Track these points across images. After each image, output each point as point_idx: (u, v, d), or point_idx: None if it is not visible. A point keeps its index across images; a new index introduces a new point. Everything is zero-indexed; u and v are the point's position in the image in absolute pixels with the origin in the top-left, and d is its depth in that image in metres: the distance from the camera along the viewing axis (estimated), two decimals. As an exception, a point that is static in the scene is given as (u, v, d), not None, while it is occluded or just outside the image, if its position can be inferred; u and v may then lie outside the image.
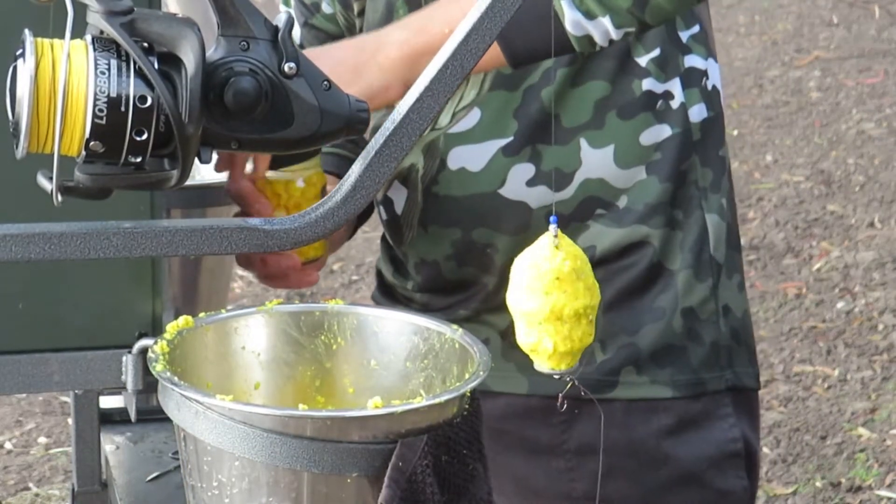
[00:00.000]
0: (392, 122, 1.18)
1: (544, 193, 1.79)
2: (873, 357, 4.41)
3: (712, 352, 1.84)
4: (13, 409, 4.27)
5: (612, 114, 1.79)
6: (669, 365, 1.82)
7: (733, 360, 1.85)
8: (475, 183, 1.81)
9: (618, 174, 1.80)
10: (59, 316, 1.57)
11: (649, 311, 1.82)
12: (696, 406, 1.83)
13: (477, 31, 1.16)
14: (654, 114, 1.81)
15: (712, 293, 1.84)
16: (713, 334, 1.84)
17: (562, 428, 1.83)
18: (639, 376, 1.82)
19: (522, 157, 1.79)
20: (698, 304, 1.83)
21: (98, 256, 1.16)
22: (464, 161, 1.81)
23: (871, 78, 6.71)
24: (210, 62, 1.14)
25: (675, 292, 1.82)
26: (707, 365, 1.84)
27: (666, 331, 1.82)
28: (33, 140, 1.12)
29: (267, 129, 1.16)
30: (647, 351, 1.82)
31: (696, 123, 1.83)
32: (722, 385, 1.84)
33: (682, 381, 1.83)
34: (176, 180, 1.16)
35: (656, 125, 1.81)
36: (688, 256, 1.82)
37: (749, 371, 1.88)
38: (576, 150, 1.79)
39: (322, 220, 1.18)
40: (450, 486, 1.36)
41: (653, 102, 1.81)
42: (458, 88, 1.76)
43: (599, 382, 1.82)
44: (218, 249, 1.17)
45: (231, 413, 1.32)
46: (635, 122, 1.80)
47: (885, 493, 3.74)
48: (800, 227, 5.35)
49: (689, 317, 1.83)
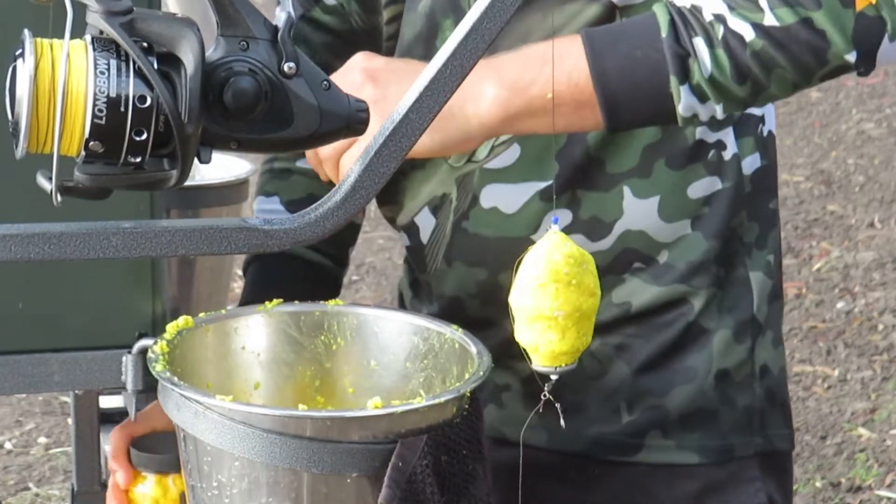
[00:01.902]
0: (392, 122, 1.18)
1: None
2: (873, 357, 4.41)
3: (745, 416, 1.73)
4: (13, 409, 4.27)
5: (660, 162, 1.67)
6: (698, 430, 1.72)
7: (766, 423, 1.75)
8: (507, 225, 1.70)
9: (661, 227, 1.68)
10: (59, 316, 1.57)
11: (681, 373, 1.72)
12: (721, 473, 1.73)
13: (477, 30, 1.16)
14: (704, 165, 1.69)
15: (749, 355, 1.73)
16: (748, 398, 1.73)
17: (583, 489, 1.73)
18: (665, 440, 1.72)
19: (560, 203, 1.67)
20: (734, 366, 1.72)
21: (98, 256, 1.16)
22: (497, 200, 1.70)
23: (871, 78, 6.71)
24: (209, 62, 1.14)
25: (710, 353, 1.71)
26: (738, 430, 1.73)
27: (697, 394, 1.71)
28: (33, 140, 1.12)
29: (266, 129, 1.16)
30: (676, 414, 1.71)
31: (748, 176, 1.72)
32: (751, 450, 1.74)
33: (709, 447, 1.73)
34: (175, 180, 1.15)
35: (707, 177, 1.69)
36: (727, 317, 1.72)
37: (783, 433, 1.77)
38: (618, 199, 1.68)
39: (322, 219, 1.18)
40: (449, 487, 1.36)
41: (704, 152, 1.69)
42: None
43: (623, 444, 1.72)
44: (218, 249, 1.17)
45: (231, 413, 1.32)
46: (685, 173, 1.68)
47: (885, 493, 3.74)
48: (800, 227, 5.35)
49: (724, 380, 1.72)
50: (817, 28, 1.50)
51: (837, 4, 1.50)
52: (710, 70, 1.50)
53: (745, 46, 1.50)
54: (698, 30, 1.51)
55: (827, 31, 1.50)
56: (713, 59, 1.50)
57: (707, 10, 1.51)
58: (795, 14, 1.49)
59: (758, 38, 1.50)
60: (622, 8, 1.62)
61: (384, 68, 1.58)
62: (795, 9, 1.49)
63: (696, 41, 1.50)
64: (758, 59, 1.50)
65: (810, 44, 1.50)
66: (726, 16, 1.50)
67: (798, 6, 1.50)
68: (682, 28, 1.51)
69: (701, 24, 1.51)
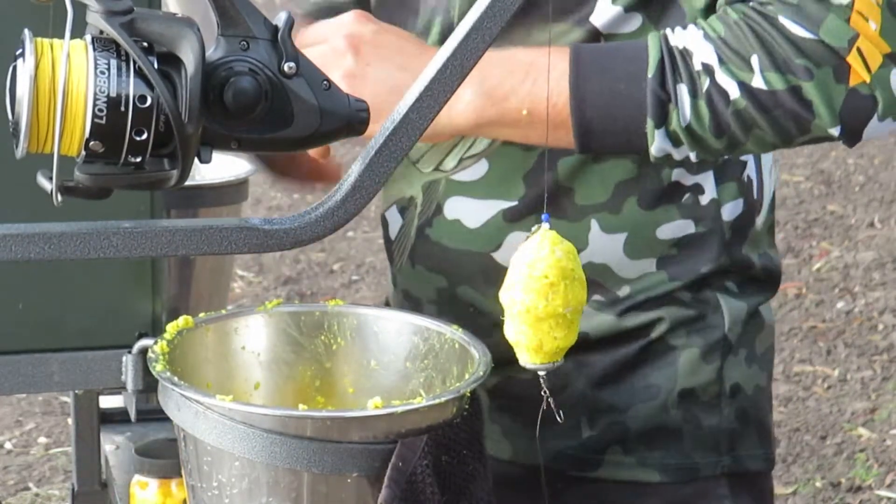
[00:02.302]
0: (392, 122, 1.18)
1: None
2: (873, 357, 4.41)
3: (711, 436, 1.69)
4: (13, 409, 4.27)
5: (631, 199, 1.63)
6: (660, 448, 1.68)
7: (736, 445, 1.70)
8: (469, 239, 1.67)
9: (625, 264, 1.65)
10: (59, 316, 1.57)
11: (642, 390, 1.67)
12: (685, 490, 1.69)
13: (477, 30, 1.16)
14: (678, 207, 1.64)
15: (718, 375, 1.68)
16: (714, 418, 1.68)
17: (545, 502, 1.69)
18: (625, 456, 1.68)
19: (524, 226, 1.62)
20: (701, 386, 1.68)
21: (98, 256, 1.16)
22: (461, 213, 1.68)
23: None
24: (210, 62, 1.14)
25: (675, 371, 1.67)
26: (703, 449, 1.69)
27: (659, 411, 1.67)
28: (33, 140, 1.12)
29: (267, 128, 1.16)
30: (637, 431, 1.67)
31: (728, 222, 1.67)
32: (717, 471, 1.69)
33: (672, 466, 1.68)
34: (176, 180, 1.15)
35: (679, 220, 1.65)
36: (695, 336, 1.68)
37: (756, 454, 1.72)
38: (584, 231, 1.64)
39: (322, 219, 1.18)
40: (450, 487, 1.36)
41: (679, 195, 1.64)
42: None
43: (584, 459, 1.69)
44: (218, 249, 1.17)
45: (231, 413, 1.32)
46: (656, 213, 1.64)
47: (885, 493, 3.74)
48: (800, 227, 5.35)
49: (688, 399, 1.68)
50: (805, 98, 1.47)
51: (830, 78, 1.46)
52: (689, 120, 1.49)
53: (729, 104, 1.47)
54: (684, 77, 1.48)
55: (815, 102, 1.47)
56: (693, 110, 1.48)
57: (698, 57, 1.48)
58: (785, 81, 1.46)
59: (742, 98, 1.47)
60: (606, 35, 1.60)
61: (371, 41, 1.54)
62: (786, 75, 1.46)
63: (680, 88, 1.48)
64: (739, 118, 1.48)
65: (795, 113, 1.47)
66: (715, 68, 1.48)
67: (789, 73, 1.46)
68: (668, 71, 1.49)
69: (688, 71, 1.48)
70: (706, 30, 1.49)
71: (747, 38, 1.47)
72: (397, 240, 1.78)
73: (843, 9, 1.45)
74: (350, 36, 1.54)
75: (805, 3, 1.46)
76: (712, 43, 1.48)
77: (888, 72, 1.48)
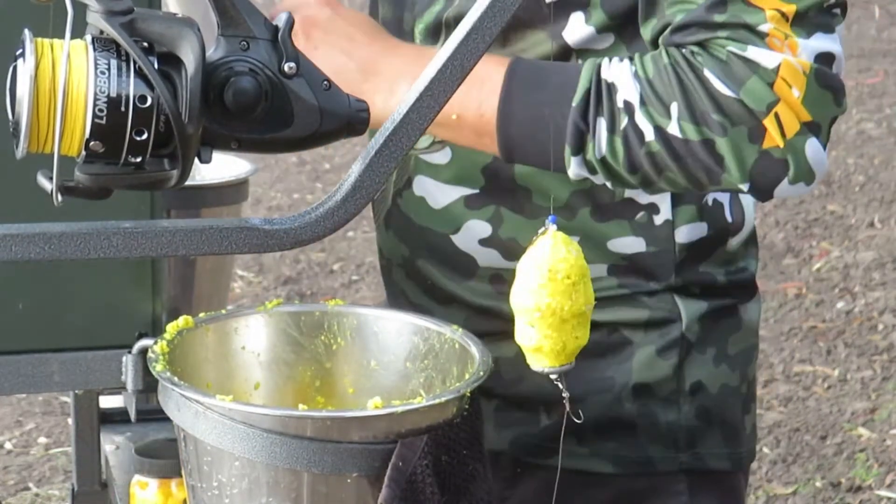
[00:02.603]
0: (392, 122, 1.18)
1: (494, 258, 1.69)
2: (873, 357, 4.41)
3: (668, 432, 1.70)
4: (13, 409, 4.27)
5: (585, 210, 1.66)
6: (614, 440, 1.69)
7: (696, 442, 1.71)
8: (432, 218, 1.72)
9: None
10: (59, 316, 1.57)
11: (597, 381, 1.69)
12: (641, 482, 1.71)
13: (477, 30, 1.16)
14: (630, 224, 1.67)
15: (676, 372, 1.69)
16: (672, 414, 1.70)
17: (504, 485, 1.73)
18: (579, 446, 1.69)
19: (483, 215, 1.69)
20: (656, 381, 1.69)
21: (98, 256, 1.16)
22: (426, 192, 1.72)
23: (871, 78, 6.71)
24: (210, 62, 1.14)
25: (630, 366, 1.69)
26: (659, 444, 1.70)
27: (613, 404, 1.69)
28: (33, 140, 1.12)
29: (267, 128, 1.16)
30: (591, 422, 1.65)
31: (682, 244, 1.69)
32: (674, 467, 1.70)
33: (626, 459, 1.70)
34: (176, 180, 1.15)
35: (630, 236, 1.67)
36: (652, 333, 1.69)
37: (720, 453, 1.72)
38: (539, 228, 1.70)
39: (322, 219, 1.18)
40: (449, 487, 1.36)
41: (632, 212, 1.67)
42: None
43: (540, 447, 1.71)
44: (218, 249, 1.17)
45: (231, 413, 1.32)
46: (607, 227, 1.67)
47: (885, 493, 3.74)
48: (800, 227, 5.35)
49: (644, 394, 1.69)
50: (717, 153, 1.47)
51: (744, 137, 1.46)
52: (604, 153, 1.50)
53: (643, 145, 1.48)
54: (605, 111, 1.49)
55: (726, 158, 1.47)
56: (609, 145, 1.49)
57: (622, 94, 1.49)
58: (699, 133, 1.47)
59: (656, 142, 1.48)
60: (578, 51, 1.61)
61: (325, 26, 1.59)
62: (701, 127, 1.47)
63: (599, 122, 1.49)
64: (651, 160, 1.49)
65: (706, 165, 1.48)
66: (635, 109, 1.48)
67: (705, 126, 1.46)
68: (592, 103, 1.50)
69: (611, 106, 1.49)
70: (637, 68, 1.50)
71: (672, 84, 1.48)
72: (378, 200, 1.82)
73: (769, 72, 1.45)
74: (305, 18, 1.58)
75: (732, 60, 1.46)
76: (639, 83, 1.49)
77: (804, 139, 1.48)
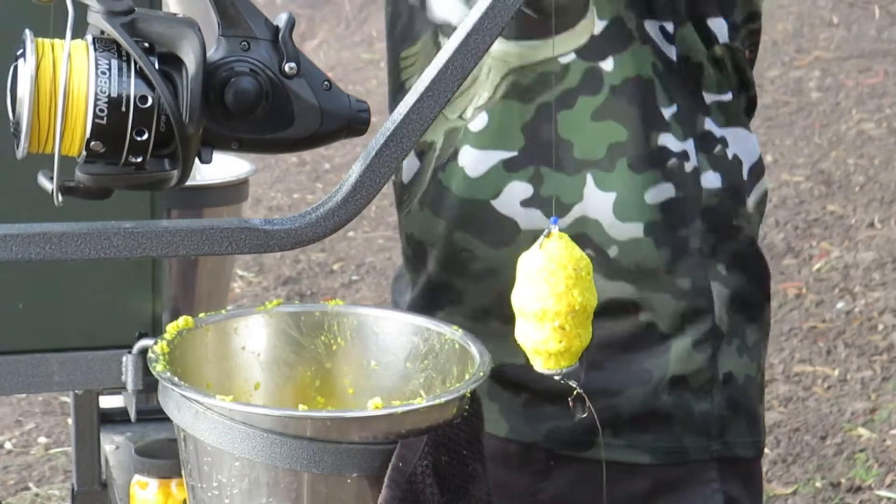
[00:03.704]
0: (392, 123, 1.18)
1: (537, 218, 1.71)
2: (873, 357, 4.41)
3: (701, 422, 1.73)
4: (13, 409, 4.27)
5: (622, 160, 1.69)
6: (651, 431, 1.72)
7: (726, 431, 1.75)
8: (470, 188, 1.74)
9: (613, 224, 1.70)
10: (59, 316, 1.57)
11: (635, 374, 1.72)
12: (675, 472, 1.74)
13: (477, 31, 1.16)
14: (663, 171, 1.70)
15: (710, 364, 1.73)
16: (706, 405, 1.73)
17: (537, 478, 1.76)
18: (615, 438, 1.72)
19: (523, 177, 1.71)
20: (692, 373, 1.72)
21: (98, 256, 1.16)
22: (467, 162, 1.74)
23: (871, 78, 6.71)
24: (211, 62, 1.14)
25: (667, 358, 1.71)
26: (693, 434, 1.73)
27: (651, 396, 1.72)
28: (34, 140, 1.12)
29: (267, 129, 1.16)
30: (628, 415, 1.72)
31: (708, 190, 1.73)
32: (706, 455, 1.74)
33: (662, 448, 1.73)
34: (176, 180, 1.16)
35: (663, 183, 1.70)
36: (686, 326, 1.72)
37: (746, 441, 1.77)
38: (580, 184, 1.70)
39: (322, 220, 1.18)
40: (449, 487, 1.36)
41: (665, 159, 1.70)
42: (471, 87, 1.73)
43: (576, 440, 1.74)
44: (218, 249, 1.17)
45: (231, 413, 1.32)
46: (644, 177, 1.69)
47: (885, 493, 3.74)
48: (800, 227, 5.35)
49: (679, 385, 1.72)
50: None
51: None
52: None
53: None
54: None
55: None
56: None
57: None
58: None
59: None
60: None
61: None
62: None
63: None
64: None
65: None
66: None
67: None
68: None
69: None
70: None
71: None
72: (411, 183, 1.83)
73: None
74: None
75: None
76: None
77: None
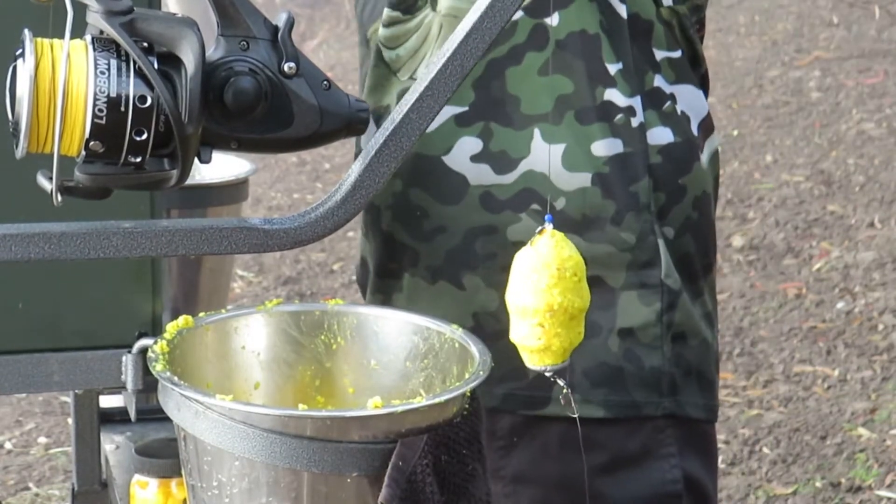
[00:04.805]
0: (392, 122, 1.18)
1: (486, 172, 1.74)
2: (873, 357, 4.41)
3: (652, 376, 1.77)
4: (13, 409, 4.27)
5: (570, 114, 1.74)
6: (603, 385, 1.75)
7: (677, 390, 1.78)
8: (423, 143, 1.75)
9: (562, 175, 1.73)
10: (58, 316, 1.57)
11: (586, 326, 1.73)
12: (633, 442, 1.77)
13: (477, 31, 1.16)
14: (610, 126, 1.75)
15: (659, 318, 1.76)
16: (655, 360, 1.76)
17: (500, 454, 1.78)
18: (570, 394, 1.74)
19: (473, 131, 1.75)
20: (640, 326, 1.76)
21: (98, 256, 1.16)
22: None
23: (871, 78, 6.71)
24: (210, 62, 1.14)
25: (614, 311, 1.75)
26: (643, 389, 1.77)
27: (600, 349, 1.75)
28: (33, 140, 1.12)
29: (267, 128, 1.16)
30: (580, 368, 1.74)
31: (655, 146, 1.77)
32: (658, 412, 1.77)
33: (614, 402, 1.76)
34: (176, 180, 1.16)
35: (610, 138, 1.74)
36: (633, 278, 1.76)
37: (698, 403, 1.80)
38: (528, 139, 1.74)
39: (322, 219, 1.18)
40: (449, 486, 1.36)
41: (611, 114, 1.75)
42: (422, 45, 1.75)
43: (532, 398, 1.76)
44: (218, 249, 1.17)
45: (231, 413, 1.32)
46: (590, 129, 1.74)
47: (885, 493, 3.74)
48: (800, 227, 5.35)
49: (628, 338, 1.76)
50: None
51: None
52: None
53: None
54: None
55: None
56: None
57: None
58: None
59: None
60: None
61: None
62: None
63: None
64: None
65: None
66: None
67: None
68: None
69: None
70: None
71: None
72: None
73: None
74: None
75: None
76: None
77: None
